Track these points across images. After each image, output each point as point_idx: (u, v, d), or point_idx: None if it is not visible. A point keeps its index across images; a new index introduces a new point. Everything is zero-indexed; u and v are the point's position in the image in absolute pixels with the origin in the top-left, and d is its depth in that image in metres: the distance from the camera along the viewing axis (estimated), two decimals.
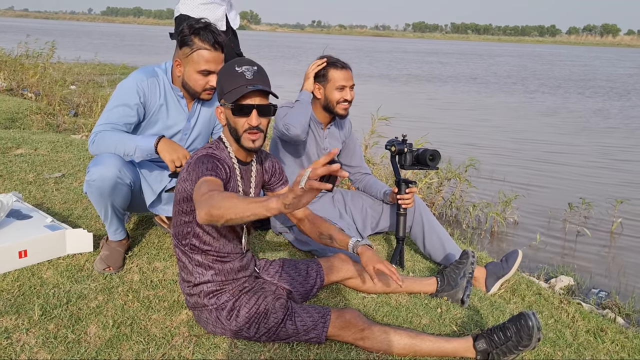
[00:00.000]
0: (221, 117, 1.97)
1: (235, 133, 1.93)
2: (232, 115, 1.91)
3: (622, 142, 9.55)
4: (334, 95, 2.70)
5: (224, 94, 1.91)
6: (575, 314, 2.71)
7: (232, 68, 1.90)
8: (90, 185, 2.27)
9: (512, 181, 6.50)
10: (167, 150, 2.23)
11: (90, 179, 2.25)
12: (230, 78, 1.90)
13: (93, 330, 1.98)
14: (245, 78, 1.88)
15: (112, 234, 2.50)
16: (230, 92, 1.89)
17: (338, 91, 2.69)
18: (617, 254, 4.70)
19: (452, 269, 2.49)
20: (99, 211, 2.40)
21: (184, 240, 1.97)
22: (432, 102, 13.82)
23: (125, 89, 2.36)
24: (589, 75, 25.00)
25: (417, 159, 2.75)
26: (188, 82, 2.37)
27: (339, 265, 2.38)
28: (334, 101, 2.71)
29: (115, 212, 2.41)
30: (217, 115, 1.98)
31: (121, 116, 2.33)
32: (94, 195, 2.29)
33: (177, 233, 1.99)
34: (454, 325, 2.26)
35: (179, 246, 2.00)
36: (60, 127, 6.33)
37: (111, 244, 2.51)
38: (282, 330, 1.95)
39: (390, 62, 28.66)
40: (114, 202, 2.34)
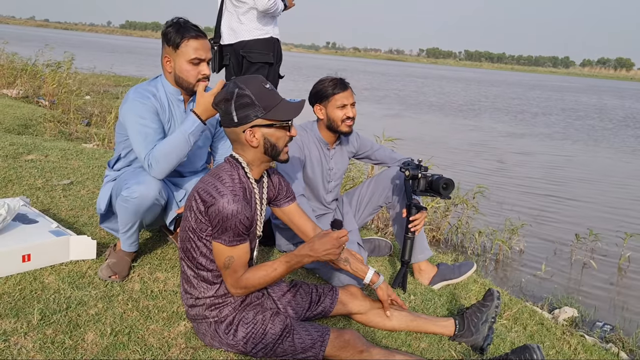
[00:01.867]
0: (255, 139, 1.89)
1: (275, 150, 1.93)
2: (276, 131, 1.90)
3: (636, 175, 9.48)
4: (336, 113, 2.73)
5: (269, 111, 1.86)
6: (577, 346, 2.68)
7: (262, 86, 1.88)
8: (127, 201, 2.27)
9: (520, 209, 6.47)
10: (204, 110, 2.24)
11: (129, 196, 2.25)
12: (267, 96, 1.87)
13: (91, 337, 1.98)
14: (277, 93, 1.91)
15: (128, 245, 2.48)
16: (276, 108, 1.87)
17: (340, 109, 2.72)
18: (624, 287, 4.64)
19: (473, 311, 2.31)
20: (123, 224, 2.39)
21: (191, 256, 1.96)
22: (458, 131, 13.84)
23: (136, 108, 2.32)
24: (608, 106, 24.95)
25: (430, 186, 2.70)
26: (180, 75, 2.35)
27: (348, 299, 2.28)
28: (337, 120, 2.74)
29: (139, 228, 2.44)
30: (249, 138, 1.88)
31: (154, 132, 2.31)
32: (129, 212, 2.30)
33: (185, 248, 1.98)
34: (453, 351, 2.23)
35: (184, 260, 1.99)
36: (73, 136, 6.40)
37: (120, 253, 2.50)
38: (280, 347, 1.94)
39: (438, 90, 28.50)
40: (144, 219, 2.36)
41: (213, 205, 1.82)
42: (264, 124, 1.88)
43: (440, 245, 5.25)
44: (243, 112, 1.86)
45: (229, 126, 1.90)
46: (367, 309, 2.28)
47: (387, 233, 4.47)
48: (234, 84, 1.89)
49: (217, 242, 1.87)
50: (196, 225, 1.89)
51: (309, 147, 2.80)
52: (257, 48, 3.61)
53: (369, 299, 2.32)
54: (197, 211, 1.87)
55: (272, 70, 3.69)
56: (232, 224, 1.82)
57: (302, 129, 2.84)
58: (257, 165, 1.97)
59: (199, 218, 1.87)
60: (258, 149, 1.92)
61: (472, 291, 2.92)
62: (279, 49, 3.75)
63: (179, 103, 2.45)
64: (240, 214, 1.83)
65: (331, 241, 1.92)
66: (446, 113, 17.38)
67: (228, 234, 1.84)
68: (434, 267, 2.93)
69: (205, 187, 1.86)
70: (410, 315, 2.32)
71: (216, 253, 1.89)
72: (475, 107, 20.41)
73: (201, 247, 1.92)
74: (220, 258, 1.89)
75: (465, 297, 2.84)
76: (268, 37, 3.60)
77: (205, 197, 1.84)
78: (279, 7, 3.56)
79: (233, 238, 1.85)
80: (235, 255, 1.88)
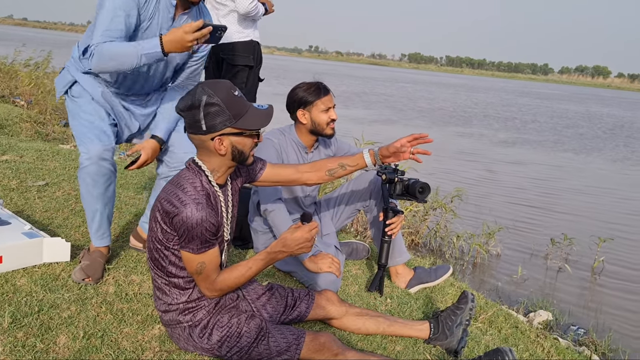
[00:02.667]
0: (222, 148, 1.85)
1: (242, 156, 1.91)
2: (244, 139, 1.88)
3: (612, 180, 9.65)
4: (321, 117, 2.74)
5: (237, 121, 1.83)
6: (550, 349, 2.71)
7: (231, 93, 1.83)
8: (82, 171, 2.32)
9: (498, 214, 6.54)
10: (171, 41, 2.13)
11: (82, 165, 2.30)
12: (235, 104, 1.83)
13: (63, 340, 1.95)
14: (245, 100, 1.88)
15: (98, 238, 2.48)
16: (244, 117, 1.84)
17: (324, 113, 2.74)
18: (597, 291, 4.72)
19: (448, 314, 2.32)
20: (89, 209, 2.41)
21: (160, 265, 1.93)
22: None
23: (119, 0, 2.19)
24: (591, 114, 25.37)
25: (406, 189, 2.72)
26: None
27: (324, 304, 2.27)
28: (323, 123, 2.75)
29: (108, 216, 2.45)
30: (218, 146, 1.84)
31: (119, 25, 2.19)
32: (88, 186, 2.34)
33: (153, 258, 1.94)
34: (427, 354, 2.25)
35: (154, 269, 1.96)
36: (49, 136, 6.31)
37: (93, 254, 2.47)
38: (255, 351, 1.93)
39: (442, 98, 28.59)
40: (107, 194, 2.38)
41: (177, 216, 1.79)
42: (233, 132, 1.85)
43: (419, 249, 5.28)
44: (212, 120, 1.81)
45: (196, 134, 1.84)
46: (342, 314, 2.29)
47: (366, 237, 4.49)
48: (201, 90, 1.81)
49: (186, 250, 1.84)
50: (162, 235, 1.86)
51: (287, 151, 2.80)
52: (237, 51, 3.61)
53: (345, 304, 2.32)
54: (162, 222, 1.84)
55: (252, 73, 3.69)
56: (198, 232, 1.80)
57: (280, 132, 2.84)
58: (222, 171, 1.93)
59: (164, 228, 1.84)
60: (226, 157, 1.89)
61: (448, 294, 2.94)
62: (259, 52, 3.75)
63: (170, 7, 2.34)
64: (206, 222, 1.80)
65: (303, 235, 1.93)
66: (435, 119, 17.43)
67: (195, 242, 1.82)
68: (410, 271, 2.95)
69: (168, 197, 1.83)
70: (386, 320, 2.33)
71: (186, 261, 1.87)
72: (466, 113, 20.49)
73: (169, 255, 1.89)
74: (191, 265, 1.87)
75: (442, 300, 2.87)
76: (248, 40, 3.61)
77: (168, 208, 1.81)
78: (259, 11, 3.57)
79: (201, 245, 1.83)
80: (206, 260, 1.87)
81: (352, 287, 2.80)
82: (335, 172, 2.29)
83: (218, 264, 1.93)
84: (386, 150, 2.27)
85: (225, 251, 2.05)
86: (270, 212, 2.66)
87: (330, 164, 2.30)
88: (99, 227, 2.46)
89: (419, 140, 2.24)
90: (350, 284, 2.84)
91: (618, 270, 5.19)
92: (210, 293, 1.95)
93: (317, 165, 2.29)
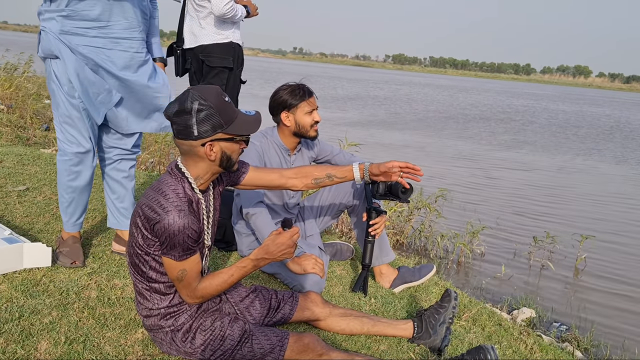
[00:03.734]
0: (213, 153, 1.84)
1: (230, 162, 1.90)
2: (233, 145, 1.87)
3: (596, 180, 9.78)
4: (305, 120, 2.74)
5: (228, 126, 1.82)
6: (533, 346, 2.74)
7: (222, 99, 1.83)
8: (62, 160, 2.53)
9: (482, 213, 6.59)
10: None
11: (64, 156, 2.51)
12: (225, 109, 1.82)
13: (44, 346, 1.93)
14: (234, 105, 1.89)
15: (72, 225, 2.65)
16: (235, 122, 1.84)
17: (308, 115, 2.75)
18: (580, 288, 4.78)
19: (431, 312, 2.33)
20: (65, 195, 2.57)
21: (140, 270, 1.91)
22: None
23: None
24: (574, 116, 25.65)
25: (389, 189, 2.73)
26: None
27: (308, 306, 2.28)
28: (307, 125, 2.76)
29: (84, 203, 2.63)
30: (208, 152, 1.83)
31: None
32: (65, 173, 2.53)
33: (133, 263, 1.92)
34: (411, 353, 2.26)
35: (135, 275, 1.94)
36: (30, 141, 6.24)
37: (68, 241, 2.61)
38: (238, 353, 1.93)
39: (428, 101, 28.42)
40: (83, 174, 2.55)
41: (158, 223, 1.77)
42: (224, 137, 1.84)
43: (404, 248, 5.31)
44: (204, 126, 1.79)
45: (186, 139, 1.82)
46: (326, 315, 2.29)
47: (351, 237, 4.50)
48: (192, 95, 1.80)
49: (167, 257, 1.83)
50: (143, 241, 1.84)
51: (269, 154, 2.80)
52: (216, 52, 3.59)
53: (329, 306, 2.32)
54: (143, 228, 1.82)
55: (232, 75, 3.67)
56: (180, 239, 1.78)
57: (262, 135, 2.84)
58: (206, 178, 1.92)
59: (145, 234, 1.82)
60: (214, 163, 1.88)
61: (432, 293, 2.96)
62: (240, 54, 3.73)
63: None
64: (188, 229, 1.78)
65: (285, 242, 1.93)
66: (433, 122, 17.46)
67: (177, 249, 1.80)
68: (394, 270, 2.96)
69: (149, 203, 1.80)
70: (370, 320, 2.34)
71: (167, 267, 1.86)
72: (467, 115, 20.48)
73: (150, 261, 1.88)
74: (172, 272, 1.86)
75: (426, 299, 2.88)
76: (227, 41, 3.59)
77: (150, 214, 1.79)
78: (238, 14, 3.55)
79: (183, 253, 1.82)
80: (187, 267, 1.85)
81: (336, 288, 2.81)
82: (322, 181, 2.29)
83: (199, 270, 1.92)
84: (377, 168, 2.28)
85: (207, 257, 2.03)
86: (252, 216, 2.66)
87: (318, 172, 2.28)
88: (72, 213, 2.63)
89: (410, 171, 2.27)
90: (335, 284, 2.85)
91: (600, 268, 5.27)
92: (191, 300, 1.93)
93: (303, 172, 2.28)
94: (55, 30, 2.39)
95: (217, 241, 3.05)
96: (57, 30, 2.39)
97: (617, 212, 7.55)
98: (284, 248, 1.94)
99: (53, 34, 2.39)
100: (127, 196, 2.77)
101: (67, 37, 2.39)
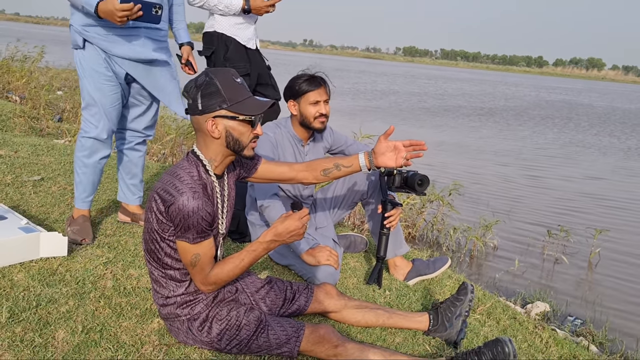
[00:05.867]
0: (216, 130, 1.86)
1: (239, 144, 1.89)
2: (239, 126, 1.86)
3: (609, 172, 9.68)
4: (309, 110, 2.72)
5: (232, 105, 1.83)
6: (549, 340, 2.72)
7: (232, 79, 1.85)
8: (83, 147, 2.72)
9: (494, 206, 6.56)
10: (106, 15, 2.37)
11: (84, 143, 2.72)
12: (234, 89, 1.84)
13: (61, 335, 1.94)
14: (247, 90, 1.88)
15: (82, 201, 2.80)
16: (242, 103, 1.84)
17: (312, 106, 2.71)
18: (594, 282, 4.74)
19: (447, 306, 2.31)
20: (79, 164, 2.74)
21: (156, 257, 1.92)
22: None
23: None
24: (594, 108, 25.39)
25: (405, 182, 2.69)
26: None
27: (323, 297, 2.27)
28: (310, 116, 2.72)
29: (96, 173, 2.78)
30: (211, 128, 1.85)
31: None
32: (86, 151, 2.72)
33: (149, 249, 1.94)
34: (427, 345, 2.25)
35: (150, 262, 1.96)
36: (44, 131, 6.27)
37: (78, 220, 2.76)
38: (254, 343, 1.93)
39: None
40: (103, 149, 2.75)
41: (173, 205, 1.78)
42: (227, 115, 1.84)
43: (416, 241, 5.29)
44: (207, 100, 1.82)
45: (194, 114, 1.87)
46: (341, 307, 2.28)
47: (364, 230, 4.49)
48: (204, 73, 1.87)
49: (181, 240, 1.84)
50: (158, 226, 1.85)
51: (282, 145, 2.78)
52: (204, 41, 3.51)
53: (344, 297, 2.32)
54: (158, 212, 1.83)
55: (216, 65, 3.48)
56: (194, 221, 1.79)
57: (276, 125, 2.82)
58: (219, 160, 1.92)
59: (160, 218, 1.83)
60: (220, 142, 1.88)
61: (446, 286, 2.94)
62: (227, 45, 3.51)
63: None
64: (202, 211, 1.80)
65: (294, 223, 1.92)
66: (462, 114, 17.26)
67: (191, 231, 1.81)
68: (409, 263, 2.95)
69: (164, 186, 1.83)
70: (385, 312, 2.33)
71: (181, 252, 1.87)
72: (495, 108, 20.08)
73: (165, 247, 1.89)
74: (186, 256, 1.87)
75: (440, 292, 2.87)
76: (212, 30, 3.46)
77: (165, 197, 1.80)
78: (213, 4, 3.34)
79: (197, 235, 1.83)
80: (201, 252, 1.86)
81: (350, 280, 2.80)
82: (331, 172, 2.24)
83: (212, 256, 1.92)
84: (377, 146, 2.17)
85: (222, 246, 2.04)
86: (267, 208, 2.65)
87: (326, 163, 2.25)
88: (84, 188, 2.78)
89: (415, 147, 2.15)
90: (349, 276, 2.84)
91: (614, 261, 5.22)
92: (204, 287, 1.94)
93: (312, 165, 2.26)
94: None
95: (230, 232, 3.05)
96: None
97: (632, 206, 7.47)
98: (293, 229, 1.92)
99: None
100: (137, 174, 3.03)
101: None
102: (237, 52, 3.41)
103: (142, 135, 2.97)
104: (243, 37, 3.41)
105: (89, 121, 2.68)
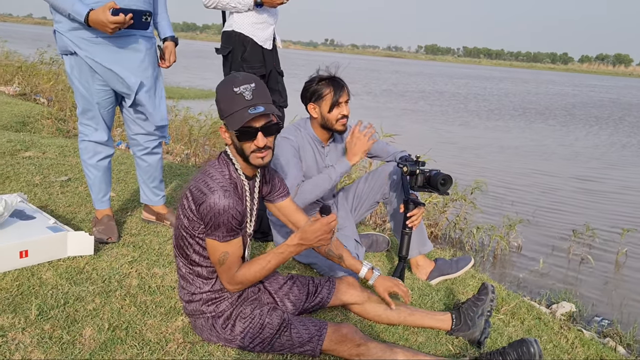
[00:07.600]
0: (226, 137, 1.93)
1: (243, 153, 1.91)
2: (237, 139, 1.89)
3: (635, 171, 9.49)
4: (331, 113, 2.70)
5: (225, 117, 1.86)
6: (575, 341, 2.68)
7: (230, 88, 1.83)
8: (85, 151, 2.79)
9: (518, 205, 6.47)
10: (97, 25, 2.40)
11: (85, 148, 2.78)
12: (229, 100, 1.83)
13: (88, 332, 1.98)
14: (245, 99, 1.82)
15: (99, 202, 2.86)
16: (232, 115, 1.82)
17: (335, 108, 2.69)
18: (621, 282, 4.65)
19: (469, 305, 2.31)
20: (87, 167, 2.80)
21: (184, 253, 1.97)
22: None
23: None
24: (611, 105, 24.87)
25: (428, 181, 2.67)
26: None
27: (345, 290, 2.29)
28: (332, 119, 2.71)
29: (106, 173, 2.84)
30: (222, 134, 1.93)
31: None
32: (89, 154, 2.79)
33: (178, 245, 1.98)
34: (450, 345, 2.24)
35: (179, 257, 2.00)
36: (70, 133, 6.39)
37: (103, 220, 2.82)
38: (277, 342, 1.95)
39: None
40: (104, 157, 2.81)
41: (204, 202, 1.82)
42: (226, 125, 1.89)
43: (438, 241, 5.25)
44: (219, 109, 1.90)
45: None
46: (364, 299, 2.30)
47: (385, 229, 4.48)
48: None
49: (211, 238, 1.87)
50: (188, 223, 1.89)
51: (304, 147, 2.77)
52: (222, 40, 3.50)
53: (366, 291, 2.33)
54: (189, 209, 1.87)
55: (233, 64, 3.46)
56: (225, 219, 1.82)
57: (295, 128, 2.81)
58: (241, 162, 1.95)
59: (191, 216, 1.87)
60: (232, 147, 1.94)
61: (469, 286, 2.92)
62: (245, 44, 3.50)
63: None
64: (232, 209, 1.82)
65: (321, 227, 1.93)
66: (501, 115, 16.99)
67: (221, 229, 1.84)
68: (431, 262, 2.93)
69: (196, 184, 1.87)
70: (407, 309, 2.33)
71: (210, 250, 1.90)
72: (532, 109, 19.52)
73: (194, 244, 1.92)
74: (214, 254, 1.90)
75: (463, 292, 2.85)
76: (230, 30, 3.44)
77: (196, 194, 1.84)
78: (231, 5, 3.33)
79: (226, 233, 1.85)
80: (229, 250, 1.89)
81: None
82: (333, 256, 2.32)
83: (240, 255, 1.94)
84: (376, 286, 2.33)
85: (249, 247, 2.06)
86: (301, 186, 2.64)
87: (336, 247, 2.31)
88: (99, 189, 2.85)
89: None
90: None
91: None
92: (230, 286, 1.96)
93: None
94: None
95: (253, 232, 3.06)
96: None
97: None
98: (320, 234, 1.93)
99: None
100: (156, 176, 3.03)
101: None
102: (254, 53, 3.41)
103: (157, 137, 2.91)
104: (261, 37, 3.38)
105: (88, 125, 2.74)
